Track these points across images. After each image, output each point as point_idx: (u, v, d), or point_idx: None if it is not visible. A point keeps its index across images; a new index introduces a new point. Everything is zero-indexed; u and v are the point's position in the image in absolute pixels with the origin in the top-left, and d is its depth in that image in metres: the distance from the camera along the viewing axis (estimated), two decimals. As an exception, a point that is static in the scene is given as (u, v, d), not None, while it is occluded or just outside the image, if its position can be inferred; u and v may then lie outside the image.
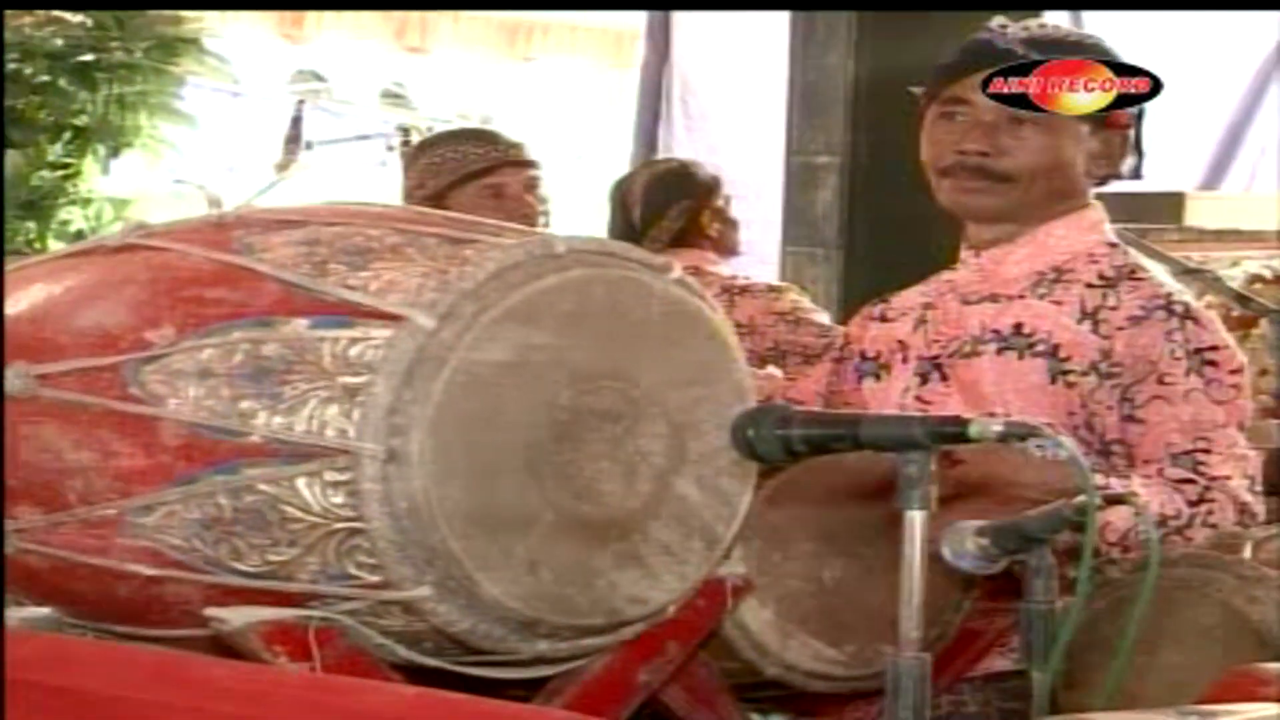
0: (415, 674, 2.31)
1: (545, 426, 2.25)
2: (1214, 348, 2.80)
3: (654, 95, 8.48)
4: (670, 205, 4.73)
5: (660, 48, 8.48)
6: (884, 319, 3.06)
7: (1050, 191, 2.90)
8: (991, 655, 2.82)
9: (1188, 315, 2.81)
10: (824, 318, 4.73)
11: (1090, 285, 2.86)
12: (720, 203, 4.82)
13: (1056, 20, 3.50)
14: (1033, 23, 2.95)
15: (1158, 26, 6.82)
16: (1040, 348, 2.83)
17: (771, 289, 4.79)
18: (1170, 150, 6.59)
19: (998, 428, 2.05)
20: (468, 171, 4.29)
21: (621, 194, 4.83)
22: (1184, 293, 2.89)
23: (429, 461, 2.18)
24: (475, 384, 2.21)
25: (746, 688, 2.65)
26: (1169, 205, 6.02)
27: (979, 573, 2.21)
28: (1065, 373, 2.80)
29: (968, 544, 2.17)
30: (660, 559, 2.35)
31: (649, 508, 2.33)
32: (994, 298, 2.92)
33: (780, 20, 6.55)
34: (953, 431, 2.04)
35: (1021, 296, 2.89)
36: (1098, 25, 5.68)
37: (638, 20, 8.39)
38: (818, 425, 2.12)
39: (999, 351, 2.86)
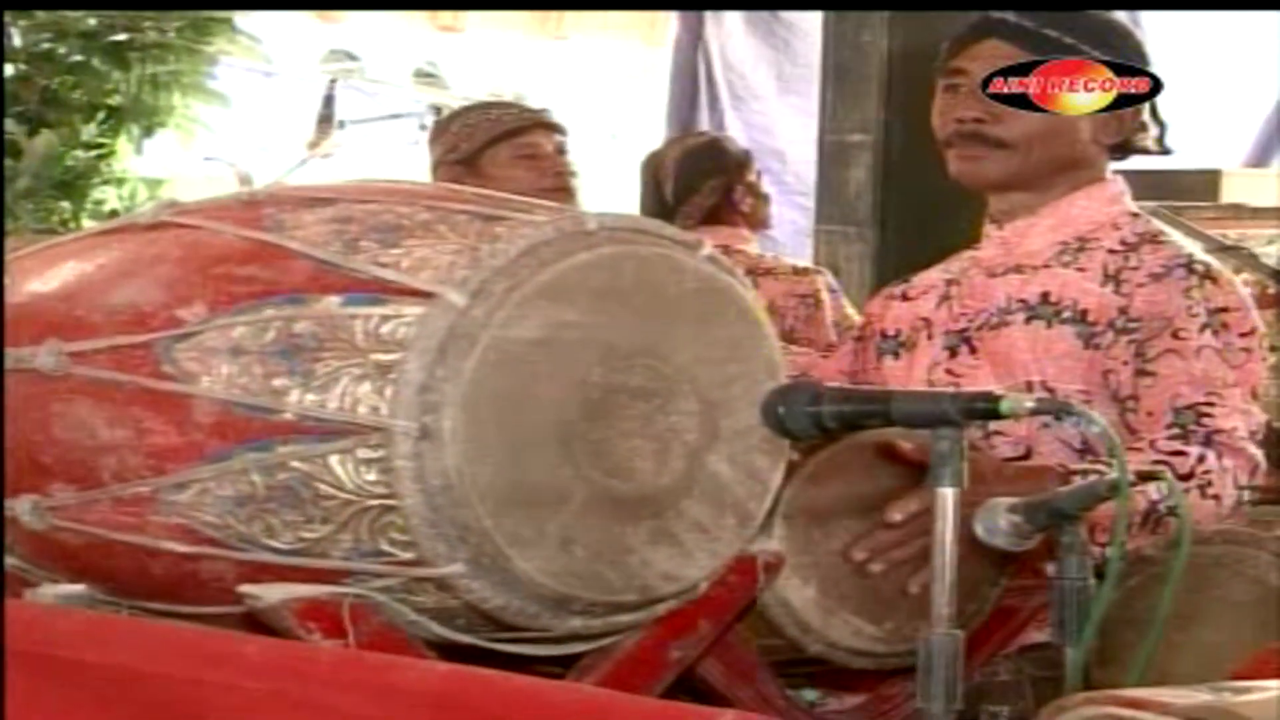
0: (448, 651, 2.31)
1: (577, 404, 2.25)
2: (1227, 309, 2.78)
3: (688, 73, 8.47)
4: (704, 181, 4.72)
5: (693, 25, 8.47)
6: (905, 297, 3.06)
7: (1054, 158, 2.90)
8: (1026, 629, 2.82)
9: (1207, 275, 2.81)
10: (846, 304, 4.72)
11: (1112, 250, 2.87)
12: (752, 177, 4.81)
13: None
14: None
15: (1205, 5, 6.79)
16: (1067, 314, 2.83)
17: (796, 271, 4.78)
18: (1216, 128, 6.55)
19: (1030, 404, 2.05)
20: (502, 131, 4.22)
21: (653, 170, 4.82)
22: (1206, 255, 2.88)
23: (462, 439, 2.18)
24: (507, 361, 2.21)
25: (788, 664, 2.65)
26: (1205, 182, 5.99)
27: (1012, 549, 2.21)
28: (1093, 335, 2.80)
29: (1000, 520, 2.16)
30: (693, 536, 2.34)
31: (681, 485, 2.33)
32: (1019, 269, 2.92)
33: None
34: (984, 408, 2.04)
35: (1046, 266, 2.90)
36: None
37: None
38: (849, 402, 2.12)
39: (1027, 320, 2.86)
